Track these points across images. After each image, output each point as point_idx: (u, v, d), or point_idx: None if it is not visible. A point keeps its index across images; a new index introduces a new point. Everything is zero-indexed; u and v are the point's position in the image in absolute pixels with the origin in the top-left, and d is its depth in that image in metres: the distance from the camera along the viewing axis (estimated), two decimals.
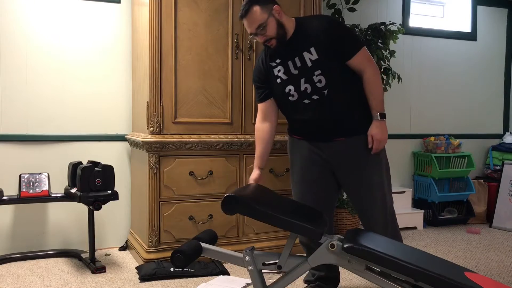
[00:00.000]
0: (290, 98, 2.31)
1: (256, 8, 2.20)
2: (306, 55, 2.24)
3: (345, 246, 1.87)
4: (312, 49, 2.23)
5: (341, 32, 2.29)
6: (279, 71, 2.32)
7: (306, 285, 2.63)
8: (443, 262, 1.99)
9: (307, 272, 2.54)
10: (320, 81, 2.23)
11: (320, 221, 2.03)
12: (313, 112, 2.29)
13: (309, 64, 2.24)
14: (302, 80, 2.26)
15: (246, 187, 2.26)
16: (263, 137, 2.43)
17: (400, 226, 4.13)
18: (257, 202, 1.99)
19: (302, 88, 2.27)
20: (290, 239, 2.02)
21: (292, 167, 2.49)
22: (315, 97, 2.26)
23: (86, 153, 3.40)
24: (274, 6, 2.23)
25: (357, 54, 2.25)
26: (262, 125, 2.44)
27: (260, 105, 2.45)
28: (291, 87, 2.29)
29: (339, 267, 2.38)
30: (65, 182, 3.25)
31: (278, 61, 2.32)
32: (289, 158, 2.52)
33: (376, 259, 1.83)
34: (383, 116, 2.28)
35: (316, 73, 2.23)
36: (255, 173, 2.41)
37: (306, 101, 2.28)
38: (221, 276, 2.91)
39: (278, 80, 2.32)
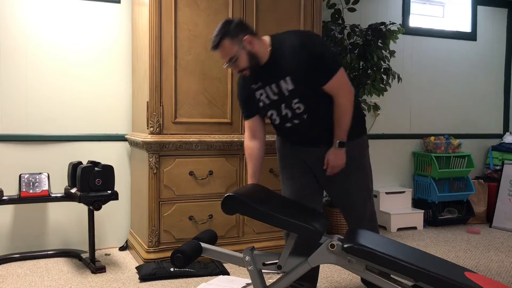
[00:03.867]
0: (273, 121, 2.35)
1: (226, 42, 2.14)
2: (282, 84, 2.20)
3: (345, 246, 1.87)
4: (288, 79, 2.18)
5: (315, 56, 2.14)
6: (261, 94, 2.28)
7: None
8: (443, 262, 1.99)
9: None
10: (298, 108, 2.23)
11: (320, 221, 2.03)
12: (295, 132, 2.32)
13: (286, 93, 2.21)
14: (283, 106, 2.25)
15: (246, 187, 2.26)
16: (254, 155, 2.39)
17: (400, 226, 4.21)
18: (257, 202, 1.99)
19: (283, 113, 2.26)
20: (290, 239, 2.02)
21: (280, 165, 2.52)
22: (296, 121, 2.28)
23: (86, 153, 3.40)
24: (245, 37, 2.15)
25: (331, 80, 2.17)
26: (251, 143, 2.40)
27: (247, 122, 2.42)
28: (273, 111, 2.29)
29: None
30: (65, 182, 3.25)
31: (259, 84, 2.27)
32: (277, 155, 2.55)
33: (376, 259, 1.83)
34: (342, 145, 2.24)
35: (294, 101, 2.22)
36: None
37: (288, 124, 2.30)
38: (221, 276, 2.91)
39: (261, 104, 2.31)
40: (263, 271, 2.08)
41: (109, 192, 3.01)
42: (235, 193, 2.01)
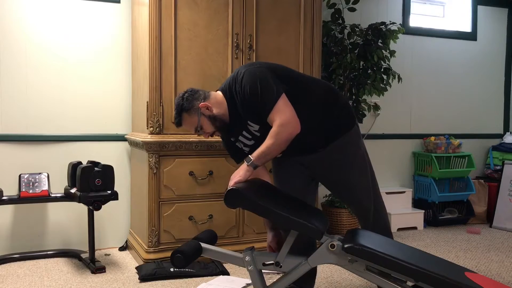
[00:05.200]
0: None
1: (185, 116, 2.21)
2: (249, 127, 2.23)
3: (345, 246, 1.87)
4: (250, 122, 2.21)
5: (251, 100, 2.12)
6: (240, 144, 2.32)
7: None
8: (443, 262, 1.99)
9: None
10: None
11: (322, 220, 2.02)
12: (289, 151, 2.25)
13: (257, 134, 2.23)
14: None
15: (250, 181, 2.22)
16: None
17: (400, 226, 4.21)
18: (259, 197, 1.98)
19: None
20: (289, 237, 2.01)
21: (273, 164, 2.47)
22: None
23: (86, 153, 3.40)
24: (200, 105, 2.17)
25: (269, 115, 2.10)
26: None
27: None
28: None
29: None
30: (65, 182, 3.24)
31: (233, 139, 2.33)
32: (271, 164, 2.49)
33: (377, 259, 1.83)
34: (250, 162, 2.11)
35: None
36: (270, 235, 2.28)
37: (278, 155, 2.25)
38: (221, 276, 2.91)
39: (244, 151, 2.32)
40: (263, 271, 2.08)
41: (109, 192, 3.01)
42: (238, 187, 2.00)
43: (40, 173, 3.15)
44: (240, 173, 2.12)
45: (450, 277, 1.75)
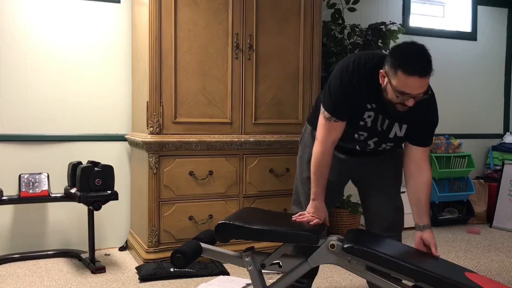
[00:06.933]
0: (352, 137, 2.14)
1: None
2: (396, 127, 2.08)
3: (345, 246, 1.87)
4: (404, 126, 2.07)
5: (432, 120, 2.08)
6: (369, 116, 2.07)
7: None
8: (443, 262, 1.99)
9: None
10: (385, 148, 2.17)
11: (315, 225, 2.02)
12: (358, 152, 2.22)
13: (391, 136, 2.10)
14: (375, 139, 2.13)
15: (238, 212, 2.23)
16: (327, 171, 2.13)
17: None
18: (248, 223, 1.98)
19: (368, 142, 2.14)
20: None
21: (308, 163, 2.24)
22: (369, 150, 2.20)
23: (86, 153, 3.40)
24: None
25: (427, 147, 2.09)
26: (329, 154, 2.11)
27: (336, 124, 2.07)
28: (364, 133, 2.12)
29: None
30: (65, 182, 3.24)
31: (375, 106, 2.04)
32: (302, 151, 2.35)
33: (377, 259, 1.83)
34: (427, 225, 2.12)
35: (389, 144, 2.14)
36: (321, 206, 2.13)
37: (359, 148, 2.18)
38: (221, 276, 2.91)
39: (361, 123, 2.08)
40: (263, 271, 2.08)
41: (109, 192, 3.01)
42: (226, 219, 2.02)
43: (40, 173, 3.15)
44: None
45: (450, 277, 1.75)
